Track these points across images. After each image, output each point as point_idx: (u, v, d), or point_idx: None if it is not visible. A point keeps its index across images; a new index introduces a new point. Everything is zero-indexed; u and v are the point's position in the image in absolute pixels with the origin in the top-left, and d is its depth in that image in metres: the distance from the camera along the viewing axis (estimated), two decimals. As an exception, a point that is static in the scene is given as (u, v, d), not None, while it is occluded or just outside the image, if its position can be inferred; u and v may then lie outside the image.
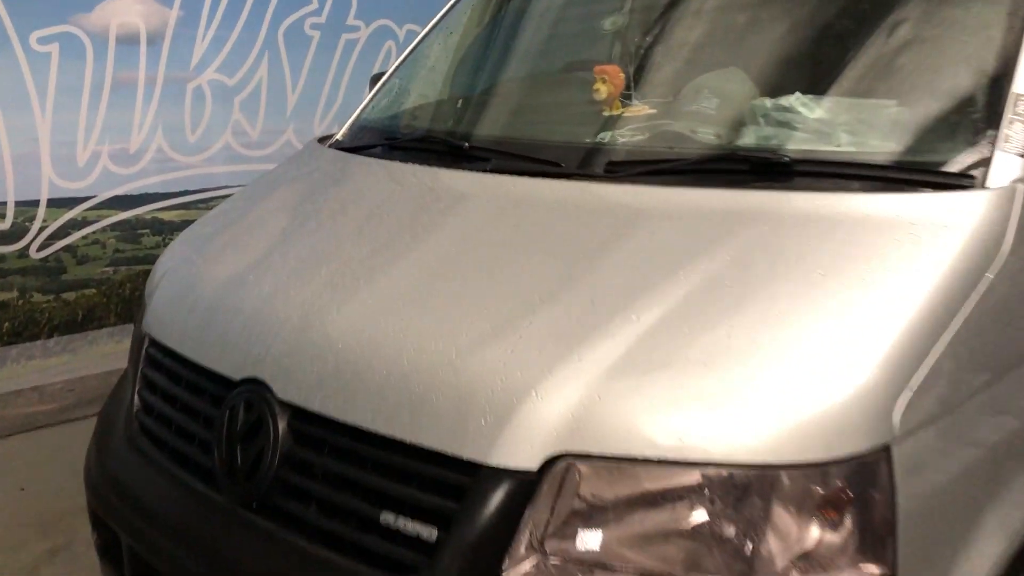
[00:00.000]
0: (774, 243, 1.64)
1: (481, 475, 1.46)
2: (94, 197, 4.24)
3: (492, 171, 2.09)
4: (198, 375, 1.96)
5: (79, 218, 4.22)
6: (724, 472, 1.39)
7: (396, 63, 2.98)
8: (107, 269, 4.34)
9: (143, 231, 4.40)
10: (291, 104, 4.78)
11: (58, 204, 4.13)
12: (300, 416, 1.71)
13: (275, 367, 1.77)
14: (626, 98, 2.36)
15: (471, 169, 2.14)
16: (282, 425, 1.72)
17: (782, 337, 1.46)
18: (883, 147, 1.84)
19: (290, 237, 2.16)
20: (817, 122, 1.92)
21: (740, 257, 1.62)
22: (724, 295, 1.55)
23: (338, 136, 2.79)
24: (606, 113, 2.31)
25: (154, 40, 4.25)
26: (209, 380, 1.92)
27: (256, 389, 1.77)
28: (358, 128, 2.76)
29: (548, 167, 2.04)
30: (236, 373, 1.83)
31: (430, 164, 2.24)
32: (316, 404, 1.68)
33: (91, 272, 4.29)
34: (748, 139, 1.96)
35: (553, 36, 2.87)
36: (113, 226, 4.32)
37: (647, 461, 1.40)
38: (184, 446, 1.94)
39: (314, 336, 1.75)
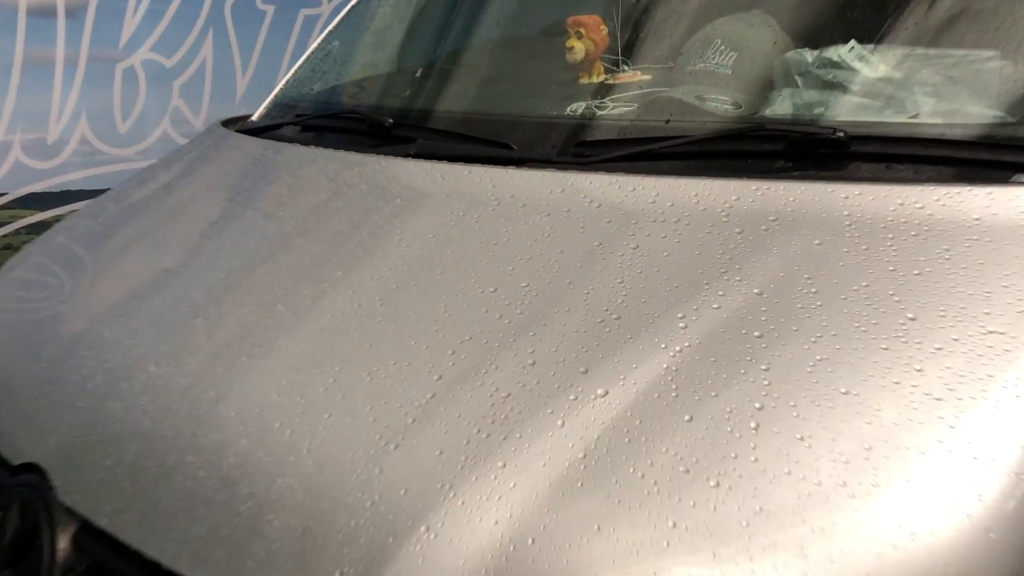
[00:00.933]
0: (827, 264, 1.02)
1: (332, 669, 0.85)
2: (5, 195, 3.64)
3: (417, 156, 1.48)
4: (-16, 451, 1.35)
5: (-14, 219, 3.64)
6: None
7: (327, 29, 2.38)
8: (22, 279, 3.74)
9: (65, 234, 3.80)
10: (241, 89, 4.17)
11: (-40, 203, 3.56)
12: (88, 532, 1.11)
13: (60, 454, 1.16)
14: (612, 64, 1.74)
15: (392, 154, 1.52)
16: (63, 542, 1.11)
17: (851, 430, 0.84)
18: (987, 117, 1.22)
19: (137, 260, 1.54)
20: (882, 82, 1.30)
21: (774, 286, 1.00)
22: (749, 352, 0.93)
23: (253, 117, 2.19)
24: (583, 80, 1.69)
25: (75, 12, 3.65)
26: (-5, 460, 1.31)
27: (35, 484, 1.17)
28: (273, 107, 2.16)
29: (493, 150, 1.43)
30: (15, 455, 1.23)
31: (343, 148, 1.63)
32: (104, 518, 1.07)
33: (3, 282, 3.69)
34: (780, 108, 1.34)
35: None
36: (29, 228, 3.71)
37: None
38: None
39: (116, 409, 1.15)
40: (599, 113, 1.49)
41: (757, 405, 0.88)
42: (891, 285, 0.97)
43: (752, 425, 0.86)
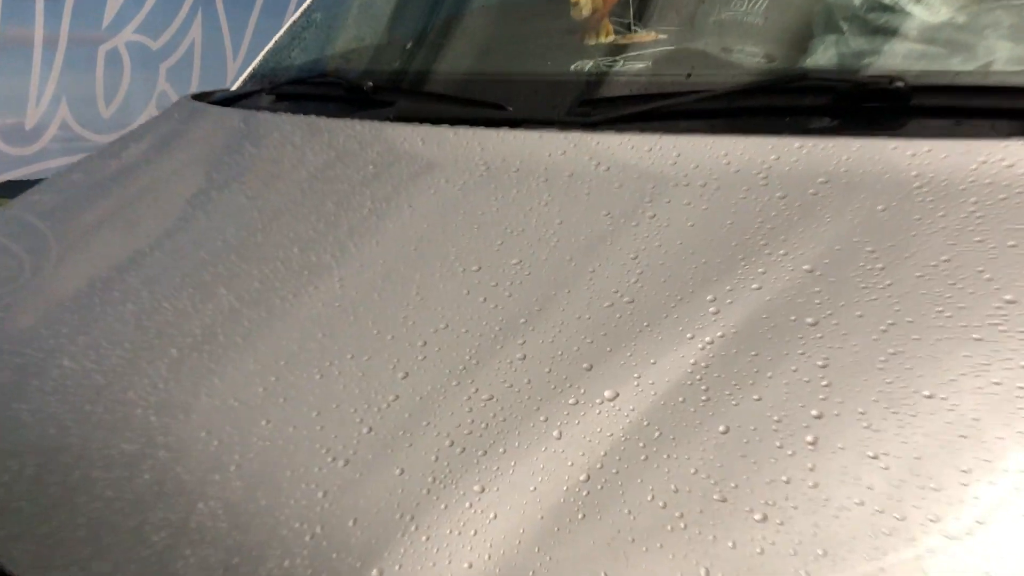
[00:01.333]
0: (895, 234, 0.81)
1: None
2: (-20, 182, 3.47)
3: (396, 120, 1.27)
4: None
5: (-40, 208, 3.44)
6: None
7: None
8: None
9: (45, 225, 3.62)
10: (232, 73, 3.98)
11: (-68, 191, 3.38)
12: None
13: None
14: (623, 27, 1.53)
15: (368, 118, 1.32)
16: (-46, 578, 0.91)
17: (941, 446, 0.64)
18: (1078, 63, 1.01)
19: (79, 238, 1.35)
20: (945, 27, 1.09)
21: (829, 262, 0.80)
22: (801, 344, 0.73)
23: (232, 88, 1.99)
24: (589, 42, 1.49)
25: (54, -9, 3.47)
26: None
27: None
28: (250, 79, 1.96)
29: (483, 111, 1.22)
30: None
31: (320, 115, 1.43)
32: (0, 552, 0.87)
33: (-21, 275, 3.51)
34: (823, 58, 1.13)
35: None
36: (6, 218, 3.54)
37: None
38: None
39: (20, 413, 0.95)
40: (608, 70, 1.28)
41: (814, 412, 0.67)
42: (980, 259, 0.76)
43: (808, 439, 0.66)
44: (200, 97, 1.98)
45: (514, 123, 1.17)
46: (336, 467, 0.73)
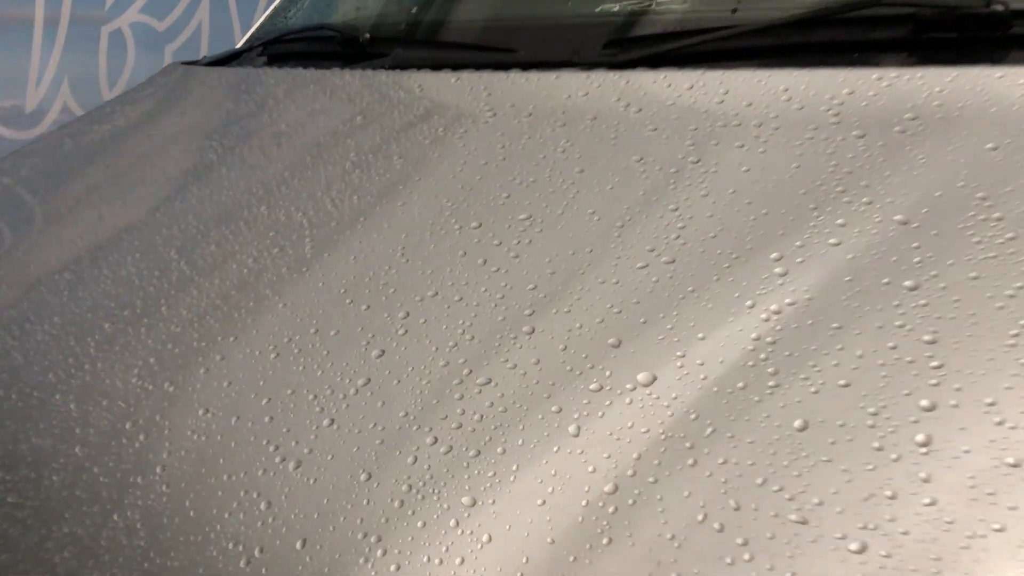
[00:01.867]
0: (1013, 178, 0.63)
1: None
2: (-23, 167, 3.33)
3: (392, 68, 1.11)
4: None
5: (-43, 194, 3.32)
6: None
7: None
8: (-2, 260, 3.42)
9: (45, 212, 3.48)
10: (240, 56, 3.83)
11: (-73, 175, 3.24)
12: None
13: None
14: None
15: (366, 68, 1.15)
16: None
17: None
18: None
19: (37, 203, 1.19)
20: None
21: (928, 211, 0.62)
22: (898, 313, 0.55)
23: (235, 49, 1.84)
24: (616, -9, 1.32)
25: (56, -32, 3.33)
26: None
27: None
28: (245, 44, 1.81)
29: (491, 56, 1.05)
30: None
31: (316, 68, 1.27)
32: None
33: (-23, 263, 3.37)
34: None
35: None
36: (5, 205, 3.41)
37: None
38: None
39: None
40: (637, 8, 1.11)
41: (924, 403, 0.50)
42: None
43: (918, 439, 0.48)
44: (190, 64, 1.82)
45: (526, 66, 1.00)
46: (285, 470, 0.56)
